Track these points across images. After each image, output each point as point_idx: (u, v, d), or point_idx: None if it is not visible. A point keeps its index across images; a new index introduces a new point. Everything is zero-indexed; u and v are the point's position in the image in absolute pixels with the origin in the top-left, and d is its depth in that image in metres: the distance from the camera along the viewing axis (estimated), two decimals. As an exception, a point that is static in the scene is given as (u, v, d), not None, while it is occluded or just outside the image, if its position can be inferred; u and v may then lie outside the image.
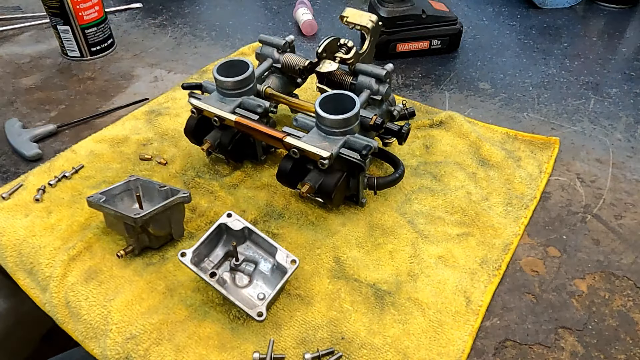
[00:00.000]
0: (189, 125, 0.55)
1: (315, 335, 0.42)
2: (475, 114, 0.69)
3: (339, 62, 0.57)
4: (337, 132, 0.48)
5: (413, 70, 0.78)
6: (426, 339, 0.42)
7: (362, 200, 0.52)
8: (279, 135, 0.49)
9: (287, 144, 0.48)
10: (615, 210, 0.54)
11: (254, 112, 0.53)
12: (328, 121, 0.48)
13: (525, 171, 0.58)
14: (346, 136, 0.48)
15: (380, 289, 0.46)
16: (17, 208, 0.54)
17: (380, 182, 0.52)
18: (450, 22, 0.80)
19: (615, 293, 0.46)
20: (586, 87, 0.74)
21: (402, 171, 0.53)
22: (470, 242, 0.50)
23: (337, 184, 0.48)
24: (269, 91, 0.58)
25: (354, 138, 0.49)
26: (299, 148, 0.47)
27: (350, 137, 0.49)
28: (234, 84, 0.53)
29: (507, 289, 0.46)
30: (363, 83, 0.56)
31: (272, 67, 0.60)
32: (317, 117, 0.49)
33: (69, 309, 0.45)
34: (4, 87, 0.76)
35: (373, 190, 0.53)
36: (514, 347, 0.42)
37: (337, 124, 0.48)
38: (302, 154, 0.48)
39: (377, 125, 0.52)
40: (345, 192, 0.52)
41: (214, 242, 0.46)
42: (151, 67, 0.81)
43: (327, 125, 0.48)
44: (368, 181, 0.52)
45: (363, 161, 0.47)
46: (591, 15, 0.96)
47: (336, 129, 0.48)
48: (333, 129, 0.48)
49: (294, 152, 0.48)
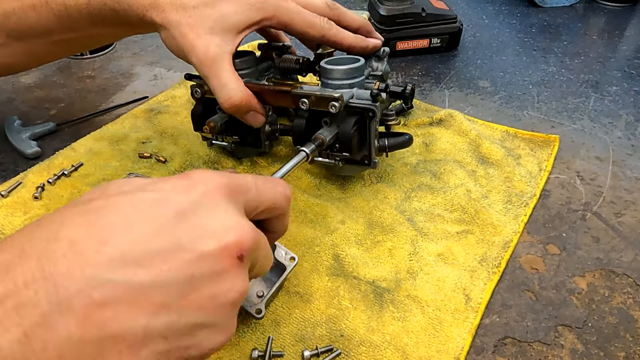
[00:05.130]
0: (195, 111, 0.55)
1: (314, 333, 0.42)
2: (475, 112, 0.69)
3: None
4: (344, 85, 0.49)
5: (413, 69, 0.78)
6: (425, 336, 0.42)
7: (374, 160, 0.52)
8: (287, 88, 0.49)
9: (296, 94, 0.48)
10: (615, 208, 0.54)
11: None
12: (335, 72, 0.49)
13: (525, 169, 0.58)
14: (354, 89, 0.49)
15: (380, 287, 0.46)
16: (16, 206, 0.54)
17: (391, 142, 0.52)
18: (450, 21, 0.80)
19: (615, 290, 0.46)
20: (586, 85, 0.74)
21: (410, 136, 0.54)
22: (470, 240, 0.50)
23: (353, 127, 0.48)
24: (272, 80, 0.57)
25: (360, 90, 0.49)
26: (308, 95, 0.47)
27: (358, 89, 0.49)
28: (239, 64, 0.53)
29: (507, 286, 0.46)
30: None
31: (271, 70, 0.60)
32: (323, 74, 0.50)
33: (67, 306, 0.45)
34: (3, 85, 0.76)
35: (384, 152, 0.53)
36: (514, 344, 0.42)
37: (343, 74, 0.49)
38: (311, 105, 0.48)
39: (382, 89, 0.52)
40: (357, 155, 0.51)
41: None
42: (151, 65, 0.81)
43: (333, 78, 0.49)
44: (379, 143, 0.52)
45: (374, 105, 0.47)
46: (591, 14, 0.96)
47: (343, 80, 0.49)
48: (340, 81, 0.49)
49: (302, 103, 0.48)
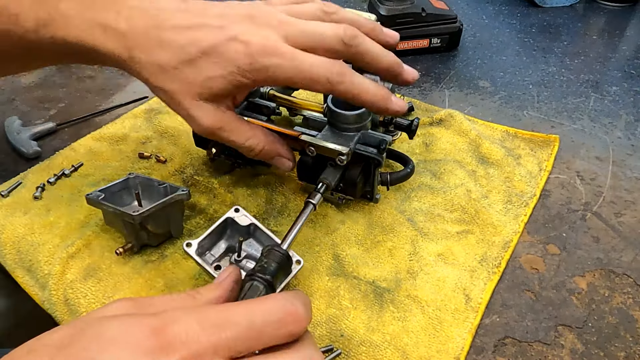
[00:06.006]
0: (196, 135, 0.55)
1: (314, 332, 0.42)
2: (475, 112, 0.69)
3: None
4: (351, 129, 0.48)
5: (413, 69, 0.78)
6: (425, 336, 0.42)
7: (376, 196, 0.52)
8: (295, 134, 0.48)
9: (304, 142, 0.47)
10: (615, 207, 0.54)
11: (261, 113, 0.53)
12: (343, 117, 0.48)
13: (525, 169, 0.58)
14: (360, 132, 0.48)
15: (380, 287, 0.46)
16: (16, 206, 0.54)
17: (393, 177, 0.52)
18: (450, 21, 0.80)
19: (615, 290, 0.46)
20: (586, 85, 0.74)
21: (412, 166, 0.53)
22: (470, 240, 0.50)
23: (359, 174, 0.48)
24: (272, 93, 0.57)
25: (367, 134, 0.48)
26: (315, 145, 0.47)
27: (364, 132, 0.48)
28: None
29: (507, 286, 0.46)
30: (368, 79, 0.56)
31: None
32: (330, 114, 0.48)
33: (67, 306, 0.45)
34: (3, 85, 0.76)
35: (386, 186, 0.53)
36: (514, 344, 0.42)
37: (351, 120, 0.48)
38: (318, 151, 0.47)
39: (387, 121, 0.52)
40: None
41: (218, 235, 0.46)
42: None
43: (341, 122, 0.48)
44: (381, 177, 0.52)
45: (380, 155, 0.47)
46: (591, 14, 0.96)
47: (350, 125, 0.48)
48: (347, 125, 0.48)
49: (310, 151, 0.47)
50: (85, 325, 0.26)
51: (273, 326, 0.26)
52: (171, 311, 0.26)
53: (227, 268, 0.32)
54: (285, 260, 0.36)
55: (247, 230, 0.46)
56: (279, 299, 0.27)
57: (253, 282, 0.33)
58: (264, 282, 0.33)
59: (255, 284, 0.33)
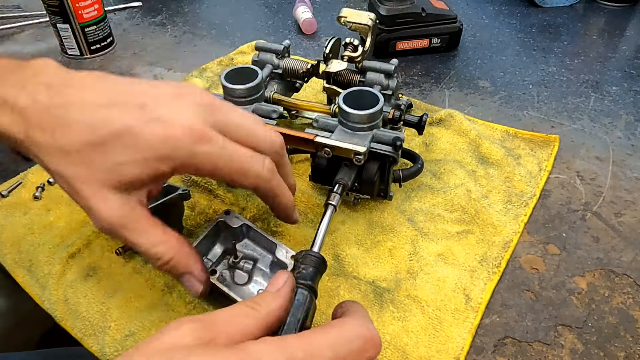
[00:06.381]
0: None
1: (314, 333, 0.42)
2: (475, 112, 0.69)
3: (347, 60, 0.57)
4: (364, 128, 0.48)
5: (413, 69, 0.78)
6: (425, 336, 0.42)
7: (390, 193, 0.52)
8: (310, 137, 0.47)
9: (319, 144, 0.47)
10: (615, 207, 0.54)
11: (269, 117, 0.52)
12: (355, 117, 0.47)
13: (525, 169, 0.58)
14: (373, 131, 0.48)
15: (380, 286, 0.46)
16: (16, 206, 0.54)
17: (405, 173, 0.53)
18: (450, 21, 0.80)
19: (615, 290, 0.46)
20: (586, 85, 0.74)
21: (422, 162, 0.54)
22: (470, 240, 0.50)
23: (376, 172, 0.48)
24: (277, 97, 0.57)
25: (380, 132, 0.48)
26: (331, 146, 0.46)
27: (377, 131, 0.48)
28: (246, 91, 0.52)
29: (507, 286, 0.46)
30: (372, 79, 0.56)
31: (271, 73, 0.60)
32: (342, 115, 0.48)
33: (67, 306, 0.45)
34: (3, 85, 0.76)
35: (398, 182, 0.53)
36: (514, 344, 0.42)
37: (364, 119, 0.48)
38: (334, 152, 0.47)
39: (397, 119, 0.52)
40: None
41: (212, 240, 0.46)
42: (151, 65, 0.81)
43: (353, 122, 0.48)
44: (393, 174, 0.52)
45: (396, 153, 0.47)
46: (591, 14, 0.96)
47: (364, 124, 0.48)
48: (360, 124, 0.48)
49: (325, 152, 0.47)
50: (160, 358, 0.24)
51: (354, 355, 0.26)
52: (253, 345, 0.25)
53: (280, 273, 0.32)
54: (321, 264, 0.36)
55: (240, 231, 0.46)
56: (354, 325, 0.27)
57: (297, 288, 0.33)
58: (307, 288, 0.33)
59: (300, 291, 0.32)
